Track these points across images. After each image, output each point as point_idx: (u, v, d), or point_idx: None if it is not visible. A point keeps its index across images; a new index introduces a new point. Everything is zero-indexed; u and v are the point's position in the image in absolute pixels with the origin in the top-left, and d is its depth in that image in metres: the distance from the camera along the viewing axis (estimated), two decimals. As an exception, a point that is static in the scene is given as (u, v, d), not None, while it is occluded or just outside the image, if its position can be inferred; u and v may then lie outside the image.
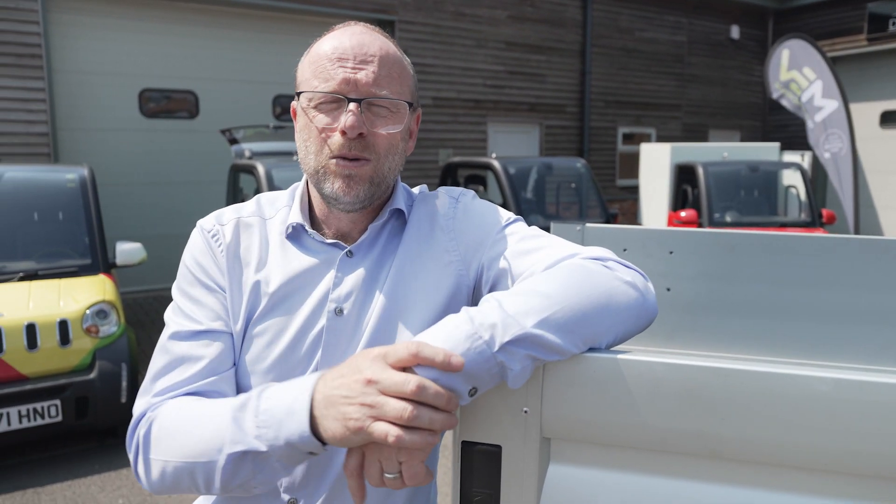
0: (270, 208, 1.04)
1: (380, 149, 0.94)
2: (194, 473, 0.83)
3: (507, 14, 10.28)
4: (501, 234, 0.98)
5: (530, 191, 6.96)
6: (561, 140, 11.21)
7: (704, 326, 1.69)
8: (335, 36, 0.96)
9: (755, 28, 13.57)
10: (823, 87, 8.74)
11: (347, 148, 0.92)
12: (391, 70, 0.95)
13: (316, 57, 0.95)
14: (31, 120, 6.95)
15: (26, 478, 3.58)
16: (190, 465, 0.83)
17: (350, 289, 0.96)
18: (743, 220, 6.95)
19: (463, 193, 1.06)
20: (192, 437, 0.83)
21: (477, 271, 0.98)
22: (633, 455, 0.73)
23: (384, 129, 0.94)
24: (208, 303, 0.96)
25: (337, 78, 0.92)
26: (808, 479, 0.68)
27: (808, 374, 0.66)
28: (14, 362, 3.49)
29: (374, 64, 0.93)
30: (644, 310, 0.84)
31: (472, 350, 0.72)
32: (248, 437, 0.79)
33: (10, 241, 4.08)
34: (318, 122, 0.93)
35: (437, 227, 1.01)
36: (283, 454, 0.78)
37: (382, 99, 0.93)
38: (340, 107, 0.93)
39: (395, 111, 0.95)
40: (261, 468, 0.80)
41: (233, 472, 0.81)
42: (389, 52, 0.96)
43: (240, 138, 6.12)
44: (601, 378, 0.72)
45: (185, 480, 0.85)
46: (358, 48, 0.93)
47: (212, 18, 8.02)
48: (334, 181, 0.94)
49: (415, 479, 0.73)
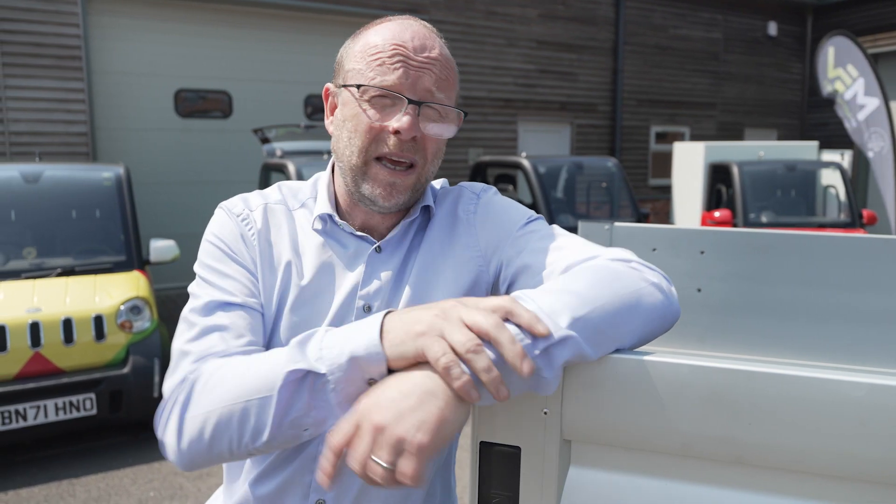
0: (294, 199, 1.02)
1: (428, 153, 0.93)
2: (245, 416, 0.76)
3: (539, 13, 10.22)
4: (522, 231, 0.97)
5: (560, 190, 6.90)
6: (592, 139, 11.10)
7: (737, 328, 1.65)
8: (390, 28, 0.92)
9: (794, 24, 13.27)
10: (865, 85, 8.51)
11: (399, 148, 0.90)
12: (448, 74, 0.93)
13: (373, 47, 0.91)
14: (70, 120, 7.13)
15: (62, 469, 3.67)
16: (241, 408, 0.77)
17: (378, 285, 0.95)
18: (779, 221, 6.80)
19: (484, 190, 1.05)
20: (246, 377, 0.78)
21: (496, 268, 0.98)
22: (656, 459, 0.71)
23: (435, 134, 0.93)
24: (240, 278, 0.93)
25: (397, 74, 0.89)
26: (838, 488, 0.65)
27: (841, 378, 0.63)
28: (51, 356, 3.58)
29: (435, 66, 0.91)
30: (669, 312, 0.82)
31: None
32: (310, 358, 0.74)
33: (49, 237, 4.19)
34: (368, 116, 0.91)
35: (458, 223, 1.01)
36: (342, 378, 0.72)
37: (439, 105, 0.92)
38: (395, 104, 0.90)
39: (446, 116, 0.94)
40: (316, 400, 0.74)
41: (288, 403, 0.74)
42: (446, 54, 0.94)
43: (271, 137, 6.19)
44: (623, 380, 0.70)
45: (233, 428, 0.77)
46: (420, 48, 0.91)
47: (245, 20, 8.13)
48: (375, 186, 0.92)
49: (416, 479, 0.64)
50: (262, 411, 0.75)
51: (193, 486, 3.48)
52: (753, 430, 0.66)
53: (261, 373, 0.76)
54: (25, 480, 3.53)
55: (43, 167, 4.41)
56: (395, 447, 0.64)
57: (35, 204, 4.23)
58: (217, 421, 0.78)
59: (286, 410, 0.75)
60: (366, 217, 0.99)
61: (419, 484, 0.64)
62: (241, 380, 0.78)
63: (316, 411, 0.74)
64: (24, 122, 6.94)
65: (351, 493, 0.94)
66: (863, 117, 8.58)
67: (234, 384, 0.78)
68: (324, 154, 5.92)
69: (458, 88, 0.98)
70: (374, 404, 0.67)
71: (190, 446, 0.80)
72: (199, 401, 0.80)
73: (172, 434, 0.81)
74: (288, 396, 0.74)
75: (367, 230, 1.00)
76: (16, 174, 4.29)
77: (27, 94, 6.92)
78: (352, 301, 0.95)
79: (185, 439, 0.80)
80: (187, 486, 3.48)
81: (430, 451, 0.65)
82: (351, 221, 1.00)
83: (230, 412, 0.77)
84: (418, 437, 0.64)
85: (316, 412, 0.75)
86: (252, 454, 0.80)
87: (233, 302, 0.91)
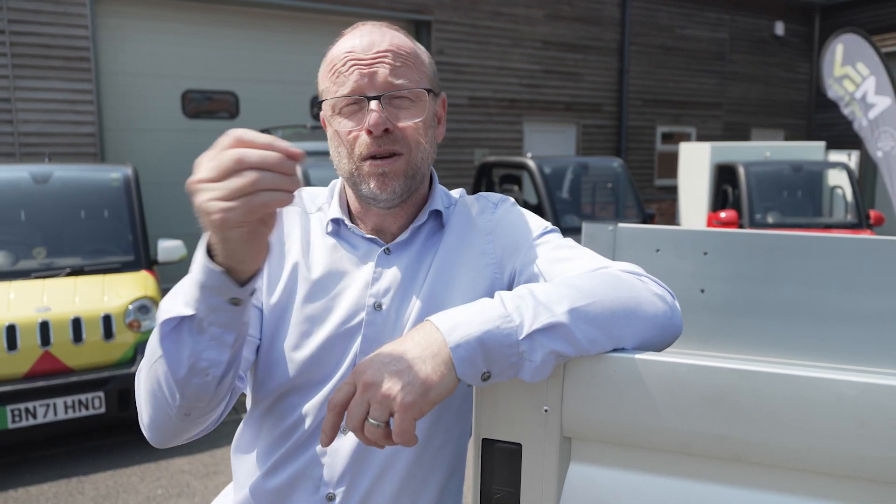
0: (311, 204, 1.06)
1: (409, 140, 0.95)
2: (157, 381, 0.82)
3: (544, 13, 10.22)
4: (537, 241, 1.00)
5: (566, 191, 6.91)
6: (597, 139, 11.09)
7: (740, 329, 1.66)
8: (346, 39, 0.97)
9: (801, 24, 13.21)
10: (876, 84, 8.44)
11: (377, 145, 0.93)
12: (405, 60, 0.95)
13: (330, 63, 0.96)
14: (79, 121, 7.18)
15: (71, 467, 3.70)
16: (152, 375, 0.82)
17: (388, 285, 0.98)
18: (785, 222, 6.78)
19: (503, 200, 1.08)
20: (150, 347, 0.83)
21: (510, 275, 1.00)
22: (655, 456, 0.72)
23: (409, 121, 0.95)
24: None
25: (352, 79, 0.93)
26: (834, 485, 0.66)
27: (836, 377, 0.64)
28: (61, 355, 3.61)
29: (387, 58, 0.93)
30: (671, 323, 0.84)
31: (500, 331, 0.72)
32: (178, 305, 0.78)
33: (59, 237, 4.23)
34: (343, 126, 0.95)
35: (475, 231, 1.03)
36: (208, 311, 0.76)
37: (401, 90, 0.94)
38: (362, 107, 0.94)
39: (417, 100, 0.96)
40: (200, 342, 0.79)
41: (176, 354, 0.79)
42: (400, 43, 0.96)
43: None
44: (623, 378, 0.72)
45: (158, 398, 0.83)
46: (368, 46, 0.94)
47: (251, 21, 8.17)
48: (369, 181, 0.95)
49: (404, 435, 0.69)
50: (163, 370, 0.81)
51: (200, 484, 3.51)
52: (751, 428, 0.67)
53: (153, 338, 0.82)
54: (35, 478, 3.56)
55: (52, 168, 4.45)
56: (383, 404, 0.69)
57: (44, 204, 4.27)
58: (146, 394, 0.85)
59: (178, 361, 0.80)
60: (377, 221, 1.02)
61: (407, 440, 0.69)
62: (149, 350, 0.84)
63: (207, 352, 0.79)
64: (34, 122, 6.99)
65: (361, 486, 0.96)
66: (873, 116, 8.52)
67: (147, 357, 0.84)
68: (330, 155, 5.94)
69: (430, 71, 1.00)
70: (368, 365, 0.72)
71: (145, 424, 0.88)
72: (137, 382, 0.87)
73: (140, 417, 0.89)
74: (173, 346, 0.79)
75: (378, 233, 1.03)
76: (26, 175, 4.33)
77: (36, 94, 6.97)
78: (362, 298, 0.97)
79: (141, 419, 0.88)
80: (194, 484, 3.51)
81: (415, 411, 0.69)
82: (363, 226, 1.03)
83: (149, 382, 0.84)
84: (403, 396, 0.69)
85: (207, 353, 0.79)
86: (188, 416, 0.85)
87: None
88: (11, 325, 3.51)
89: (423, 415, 0.70)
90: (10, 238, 4.13)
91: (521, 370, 0.73)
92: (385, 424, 0.70)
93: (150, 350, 0.83)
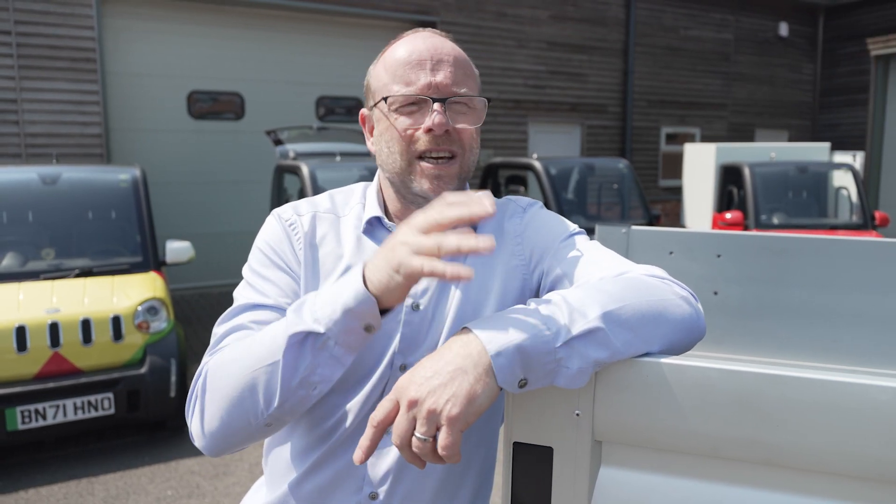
0: (344, 206, 1.08)
1: (465, 143, 1.00)
2: (254, 386, 0.83)
3: (549, 14, 10.22)
4: (564, 243, 1.01)
5: (571, 191, 6.91)
6: (603, 140, 11.09)
7: (753, 331, 1.67)
8: (408, 41, 1.01)
9: (805, 25, 13.20)
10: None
11: (436, 143, 0.97)
12: (465, 69, 1.01)
13: (393, 63, 0.99)
14: (85, 122, 7.20)
15: (81, 467, 3.72)
16: (250, 379, 0.83)
17: (426, 285, 0.99)
18: (791, 223, 6.77)
19: (531, 204, 1.11)
20: (251, 352, 0.84)
21: (539, 276, 1.02)
22: (686, 460, 0.73)
23: (466, 125, 0.99)
24: (279, 282, 0.99)
25: (419, 81, 0.97)
26: (864, 489, 0.67)
27: (868, 382, 0.65)
28: (70, 356, 3.63)
29: (450, 64, 0.99)
30: (696, 326, 0.85)
31: (538, 339, 0.73)
32: (307, 321, 0.80)
33: (67, 238, 4.25)
34: (400, 124, 0.97)
35: (505, 233, 1.05)
36: (341, 332, 0.79)
37: (463, 96, 0.98)
38: (423, 108, 0.97)
39: (473, 107, 1.01)
40: (319, 357, 0.80)
41: (294, 365, 0.81)
42: (460, 52, 1.02)
43: (284, 139, 6.23)
44: (654, 383, 0.72)
45: (246, 400, 0.83)
46: (433, 51, 0.98)
47: (257, 21, 8.18)
48: (422, 181, 0.98)
49: (449, 449, 0.69)
50: (271, 377, 0.82)
51: (210, 485, 3.52)
52: (781, 432, 0.68)
53: (265, 343, 0.83)
54: (45, 479, 3.58)
55: (60, 169, 4.47)
56: (429, 419, 0.70)
57: (53, 205, 4.29)
58: (231, 397, 0.84)
59: (293, 372, 0.81)
60: None
61: (452, 454, 0.70)
62: (247, 354, 0.84)
63: (321, 368, 0.81)
64: (40, 123, 7.01)
65: (404, 485, 0.97)
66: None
67: (241, 360, 0.85)
68: (336, 156, 5.95)
69: (478, 81, 1.05)
70: (410, 381, 0.73)
71: (211, 430, 0.87)
72: (213, 384, 0.86)
73: (197, 423, 0.88)
74: (293, 358, 0.81)
75: None
76: (34, 176, 4.35)
77: (43, 95, 6.99)
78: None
79: (206, 424, 0.87)
80: (204, 485, 3.52)
81: (461, 423, 0.70)
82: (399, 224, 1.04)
83: (241, 385, 0.84)
84: (449, 409, 0.69)
85: (322, 369, 0.81)
86: (269, 426, 0.86)
87: (264, 303, 0.96)
88: (21, 327, 3.52)
89: (469, 426, 0.71)
90: (19, 239, 4.15)
91: (557, 377, 0.73)
92: (432, 439, 0.71)
93: (250, 355, 0.84)
